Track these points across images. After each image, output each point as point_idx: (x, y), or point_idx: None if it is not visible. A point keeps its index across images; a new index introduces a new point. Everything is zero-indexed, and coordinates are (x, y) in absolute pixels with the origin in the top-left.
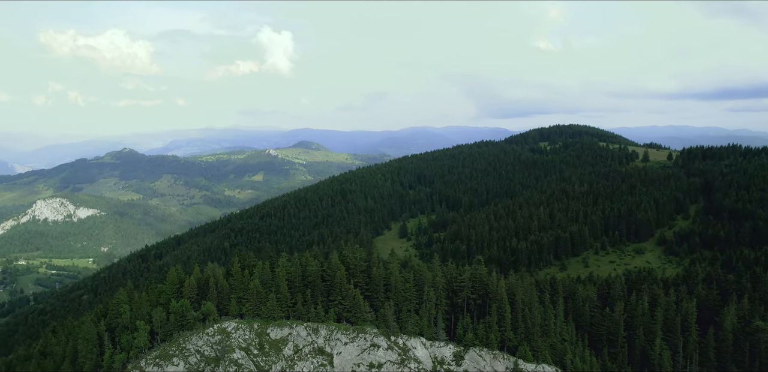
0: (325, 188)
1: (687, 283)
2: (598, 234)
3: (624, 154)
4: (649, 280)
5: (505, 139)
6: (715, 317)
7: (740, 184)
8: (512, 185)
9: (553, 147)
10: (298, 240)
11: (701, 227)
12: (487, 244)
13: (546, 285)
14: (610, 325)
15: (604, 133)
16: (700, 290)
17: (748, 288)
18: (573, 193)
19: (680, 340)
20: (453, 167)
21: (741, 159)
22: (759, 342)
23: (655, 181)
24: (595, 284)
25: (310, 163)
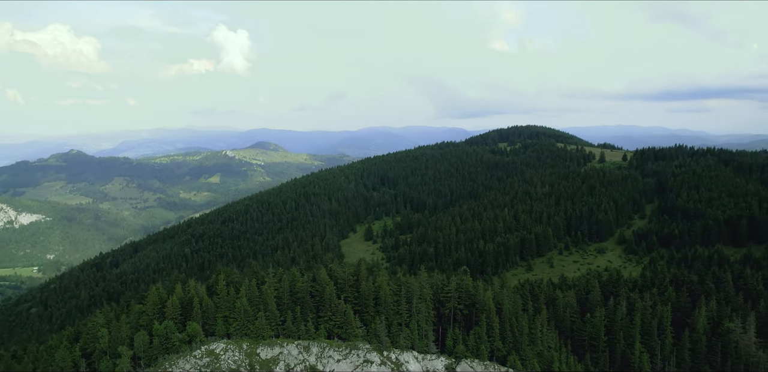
0: (288, 191)
1: (657, 286)
2: (562, 234)
3: (581, 155)
4: (620, 283)
5: (466, 141)
6: (687, 319)
7: (690, 185)
8: (475, 186)
9: (513, 148)
10: (262, 245)
11: (657, 226)
12: (454, 246)
13: (526, 292)
14: (592, 331)
15: (560, 134)
16: (671, 293)
17: (712, 289)
18: (536, 195)
19: (658, 343)
20: (416, 169)
21: (689, 160)
22: (730, 342)
23: (613, 182)
24: (572, 288)
25: (269, 164)
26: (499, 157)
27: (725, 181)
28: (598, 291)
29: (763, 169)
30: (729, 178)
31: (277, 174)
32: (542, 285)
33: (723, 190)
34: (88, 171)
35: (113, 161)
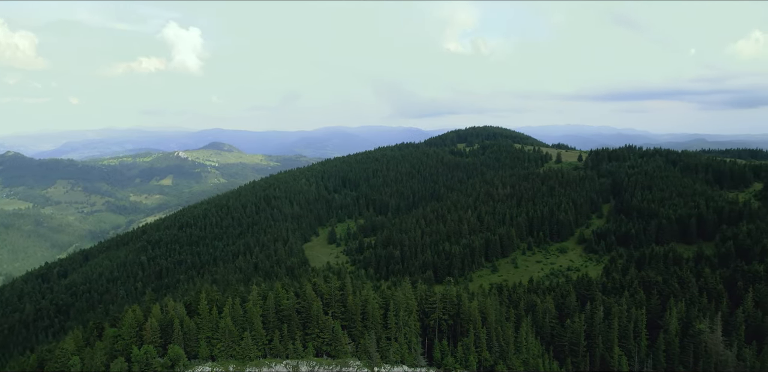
0: (248, 194)
1: (627, 289)
2: (524, 235)
3: (538, 156)
4: (592, 286)
5: (425, 141)
6: (659, 320)
7: (643, 185)
8: (437, 188)
9: (472, 149)
10: (223, 250)
11: (615, 226)
12: (420, 248)
13: (504, 298)
14: (572, 336)
15: (516, 135)
16: (642, 296)
17: (678, 290)
18: (498, 196)
19: (634, 345)
20: (377, 170)
21: (640, 160)
22: (700, 343)
23: (571, 182)
24: (548, 293)
25: (223, 165)
26: (459, 159)
27: (674, 181)
28: (574, 296)
29: (706, 170)
30: (677, 178)
31: (232, 175)
32: (519, 291)
33: (673, 190)
34: (27, 174)
35: (55, 163)
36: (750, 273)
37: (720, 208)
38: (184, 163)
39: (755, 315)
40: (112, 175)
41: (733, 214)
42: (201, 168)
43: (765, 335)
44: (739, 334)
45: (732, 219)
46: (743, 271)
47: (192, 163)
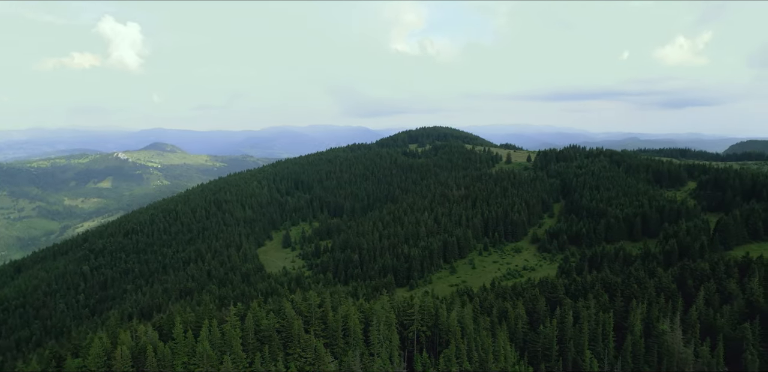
0: (197, 198)
1: (591, 291)
2: (480, 236)
3: (489, 156)
4: (556, 288)
5: (376, 142)
6: (623, 322)
7: (591, 185)
8: (392, 189)
9: (424, 150)
10: (172, 258)
11: (566, 225)
12: (379, 252)
13: (476, 305)
14: (545, 342)
15: (467, 135)
16: (606, 299)
17: (636, 290)
18: (453, 197)
19: (603, 348)
20: (331, 172)
21: (586, 160)
22: (663, 343)
23: (523, 183)
24: (519, 297)
25: (166, 166)
26: (413, 160)
27: (619, 181)
28: (543, 302)
29: (647, 170)
30: (622, 178)
31: (176, 177)
32: (489, 297)
33: (619, 189)
34: None
35: None
36: (697, 271)
37: (661, 206)
38: (124, 165)
39: (707, 313)
40: (42, 178)
41: (672, 212)
42: (142, 169)
43: (717, 332)
44: (695, 332)
45: (672, 217)
46: (691, 269)
47: (133, 164)
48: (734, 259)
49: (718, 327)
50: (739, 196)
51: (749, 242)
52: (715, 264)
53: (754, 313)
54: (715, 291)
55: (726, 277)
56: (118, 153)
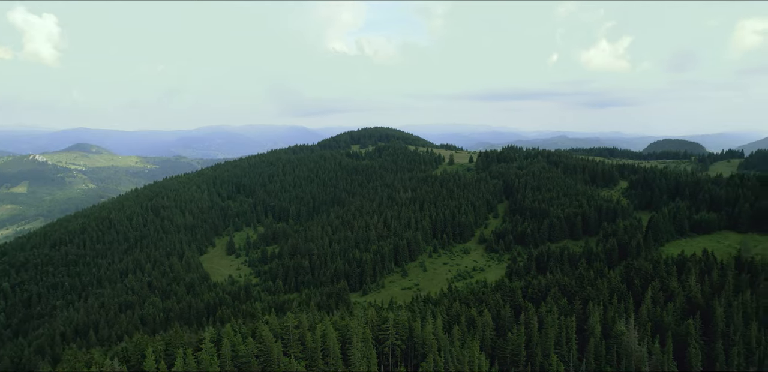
0: (132, 204)
1: (551, 296)
2: (429, 238)
3: (433, 158)
4: (515, 293)
5: (319, 144)
6: (584, 325)
7: (532, 186)
8: (337, 192)
9: (367, 151)
10: (108, 270)
11: (511, 226)
12: (330, 257)
13: (443, 313)
14: (513, 348)
15: (408, 136)
16: (565, 303)
17: (591, 292)
18: (401, 200)
19: (568, 351)
20: (273, 175)
21: (525, 161)
22: (622, 344)
23: (468, 185)
24: (482, 304)
25: (92, 168)
26: (357, 162)
27: (559, 181)
28: (509, 309)
29: (583, 170)
30: (561, 178)
31: (102, 180)
32: (455, 305)
33: (559, 190)
34: None
35: None
36: (642, 270)
37: (599, 206)
38: (43, 168)
39: (655, 311)
40: None
41: (609, 211)
42: (65, 172)
43: (665, 330)
44: (646, 331)
45: (609, 216)
46: (635, 268)
47: (53, 167)
48: (672, 257)
49: (666, 324)
50: (666, 195)
51: (677, 238)
52: (656, 263)
53: (695, 310)
54: (659, 289)
55: (667, 275)
56: (35, 155)
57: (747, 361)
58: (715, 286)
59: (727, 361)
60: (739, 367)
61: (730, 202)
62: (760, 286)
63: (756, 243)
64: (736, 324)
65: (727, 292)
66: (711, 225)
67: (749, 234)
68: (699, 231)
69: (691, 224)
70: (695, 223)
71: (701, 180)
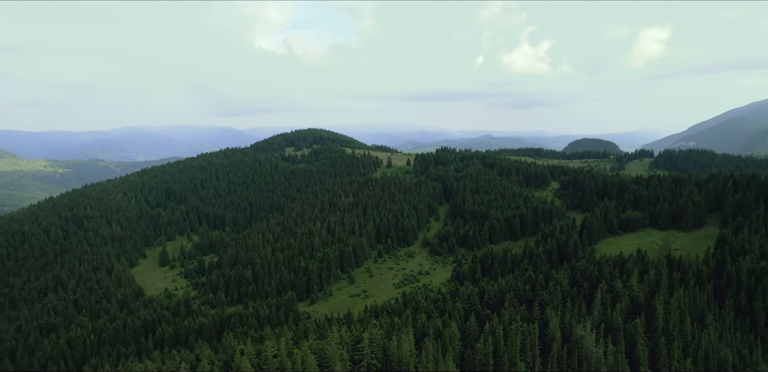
0: (49, 216)
1: (507, 300)
2: (374, 243)
3: (371, 161)
4: (473, 300)
5: (251, 146)
6: (544, 330)
7: (471, 188)
8: (275, 198)
9: (303, 154)
10: (23, 289)
11: (453, 228)
12: (274, 266)
13: (409, 326)
14: (482, 358)
15: (343, 138)
16: (523, 310)
17: (546, 297)
18: (343, 205)
19: (532, 358)
20: (206, 180)
21: (461, 163)
22: (582, 347)
23: (409, 188)
24: (445, 314)
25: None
26: (294, 165)
27: (496, 183)
28: (474, 319)
29: (517, 172)
30: (497, 180)
31: (4, 186)
32: (420, 318)
33: (497, 192)
34: None
35: None
36: (587, 272)
37: (536, 207)
38: None
39: (605, 312)
40: None
41: (545, 212)
42: None
43: (617, 330)
44: (600, 332)
45: (545, 216)
46: (581, 270)
47: None
48: (612, 259)
49: (616, 325)
50: (595, 195)
51: (608, 237)
52: (601, 265)
53: (638, 309)
54: (606, 291)
55: (610, 276)
56: None
57: (684, 354)
58: (653, 285)
59: (668, 355)
60: (679, 359)
61: (652, 201)
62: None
63: (675, 239)
64: (674, 320)
65: (663, 290)
66: (636, 223)
67: (669, 230)
68: (626, 229)
69: (619, 223)
70: (623, 221)
71: (626, 181)
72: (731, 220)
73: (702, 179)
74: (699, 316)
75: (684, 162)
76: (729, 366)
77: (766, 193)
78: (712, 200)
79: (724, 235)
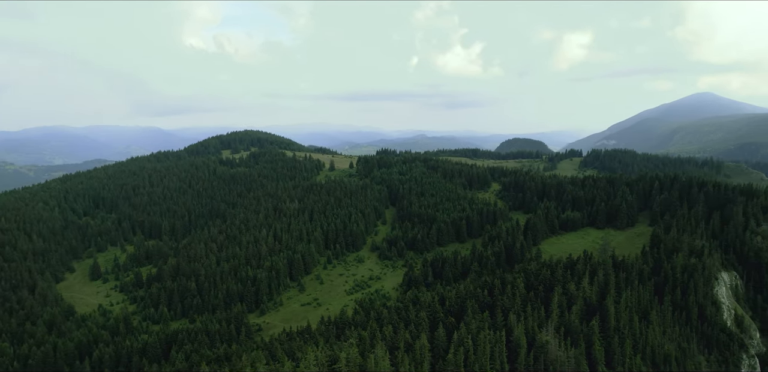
0: None
1: (471, 310)
2: (322, 249)
3: (313, 164)
4: (434, 309)
5: (185, 149)
6: (510, 337)
7: (417, 191)
8: (215, 204)
9: (241, 157)
10: None
11: (401, 232)
12: (220, 277)
13: (377, 340)
14: (453, 368)
15: (282, 140)
16: (486, 316)
17: (506, 302)
18: (288, 211)
19: (500, 365)
20: (139, 186)
21: (404, 166)
22: (547, 352)
23: (355, 192)
24: (411, 327)
25: None
26: (233, 169)
27: (440, 186)
28: (442, 330)
29: (460, 175)
30: (442, 183)
31: None
32: (386, 331)
33: (442, 195)
34: None
35: None
36: (540, 275)
37: (480, 209)
38: None
39: (563, 316)
40: None
41: (489, 214)
42: None
43: (577, 333)
44: (560, 336)
45: (490, 218)
46: (534, 273)
47: None
48: (563, 261)
49: (575, 328)
50: (536, 196)
51: (549, 236)
52: (553, 268)
53: (592, 310)
54: (562, 293)
55: (563, 279)
56: None
57: (634, 350)
58: (602, 285)
59: (622, 353)
60: (630, 356)
61: (589, 201)
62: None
63: (612, 237)
64: (624, 319)
65: (612, 290)
66: (576, 223)
67: (606, 229)
68: (566, 229)
69: (560, 223)
70: (563, 221)
71: (563, 182)
72: (660, 218)
73: (632, 180)
74: (644, 313)
75: (610, 161)
76: (672, 359)
77: (687, 192)
78: (641, 199)
79: (657, 235)
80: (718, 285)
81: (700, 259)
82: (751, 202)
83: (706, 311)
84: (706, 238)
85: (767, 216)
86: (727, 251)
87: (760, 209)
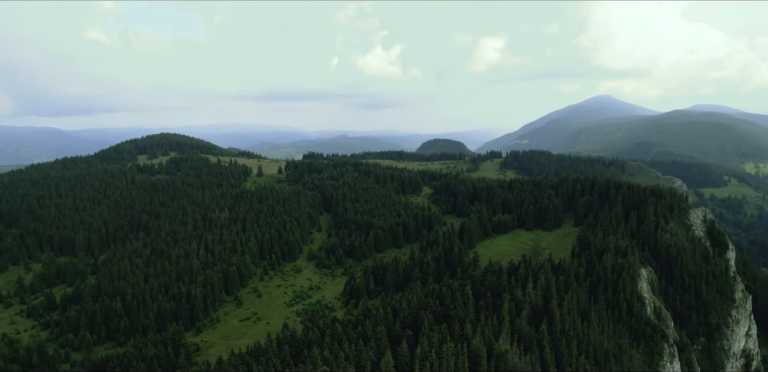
0: None
1: (427, 321)
2: (257, 260)
3: (240, 170)
4: (391, 323)
5: (96, 155)
6: (469, 347)
7: (351, 198)
8: (136, 215)
9: (160, 163)
10: None
11: (338, 240)
12: (150, 295)
13: (341, 359)
14: None
15: (201, 144)
16: (444, 328)
17: (460, 313)
18: (219, 221)
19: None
20: (44, 197)
21: (335, 171)
22: (507, 360)
23: (287, 199)
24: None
25: None
26: (153, 177)
27: (374, 192)
28: (405, 345)
29: (392, 179)
30: (376, 189)
31: None
32: (347, 348)
33: (377, 200)
34: None
35: None
36: (486, 282)
37: (415, 214)
38: None
39: (513, 322)
40: None
41: (425, 218)
42: None
43: (529, 339)
44: (514, 342)
45: (425, 223)
46: (480, 280)
47: None
48: (505, 267)
49: (527, 333)
50: (467, 200)
51: (483, 239)
52: (498, 275)
53: (539, 314)
54: (510, 300)
55: (508, 285)
56: None
57: (579, 350)
58: (545, 289)
59: (569, 355)
60: (576, 357)
61: (518, 204)
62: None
63: (541, 238)
64: (569, 321)
65: (553, 293)
66: (507, 225)
67: (536, 230)
68: (498, 231)
69: (492, 225)
70: (495, 224)
71: (492, 185)
72: (584, 218)
73: (556, 183)
74: (584, 313)
75: (528, 161)
76: (611, 356)
77: (606, 194)
78: (565, 201)
79: (586, 236)
80: (641, 281)
81: (626, 258)
82: (659, 202)
83: (634, 307)
84: (626, 236)
85: (673, 214)
86: (643, 248)
87: (667, 208)
